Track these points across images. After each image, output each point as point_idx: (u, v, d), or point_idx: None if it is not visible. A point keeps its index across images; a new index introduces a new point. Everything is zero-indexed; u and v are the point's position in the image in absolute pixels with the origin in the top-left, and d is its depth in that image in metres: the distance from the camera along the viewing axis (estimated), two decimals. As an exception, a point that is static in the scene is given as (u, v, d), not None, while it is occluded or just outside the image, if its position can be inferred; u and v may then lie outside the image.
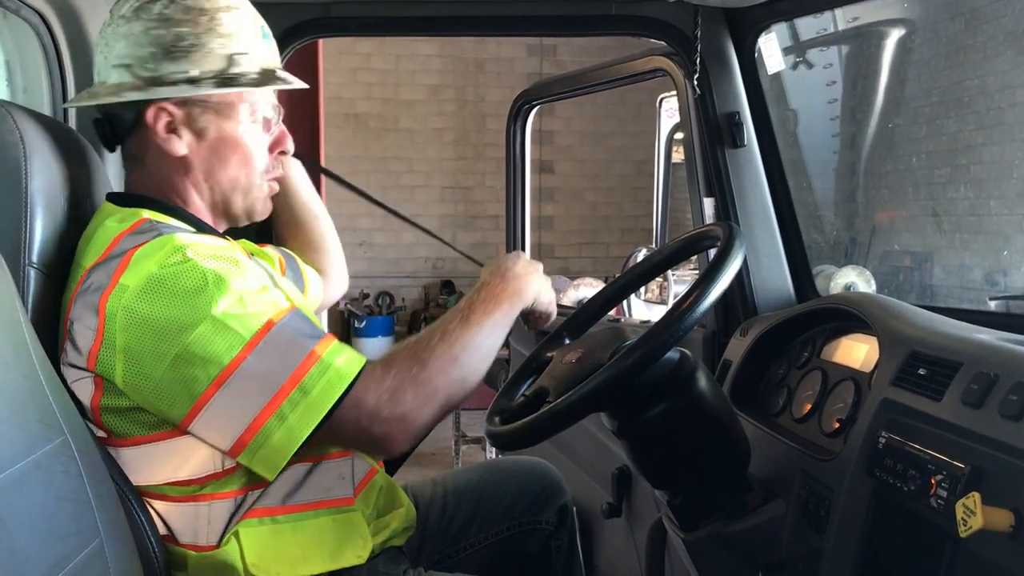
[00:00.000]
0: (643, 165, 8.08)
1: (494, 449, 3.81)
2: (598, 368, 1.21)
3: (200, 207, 1.37)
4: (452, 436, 4.64)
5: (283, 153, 1.42)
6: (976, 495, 0.94)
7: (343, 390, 1.17)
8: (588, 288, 3.92)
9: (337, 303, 1.96)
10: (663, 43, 1.94)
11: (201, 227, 1.35)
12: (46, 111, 1.69)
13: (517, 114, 2.79)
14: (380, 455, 1.41)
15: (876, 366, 1.31)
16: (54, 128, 1.31)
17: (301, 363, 1.16)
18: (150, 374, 1.14)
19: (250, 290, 1.19)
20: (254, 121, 1.36)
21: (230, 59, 1.32)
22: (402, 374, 1.21)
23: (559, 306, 1.56)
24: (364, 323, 7.67)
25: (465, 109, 8.39)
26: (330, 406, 1.17)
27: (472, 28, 2.08)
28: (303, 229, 1.79)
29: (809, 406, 1.46)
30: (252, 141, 1.36)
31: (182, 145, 1.33)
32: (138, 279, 1.15)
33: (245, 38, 1.34)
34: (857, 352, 1.43)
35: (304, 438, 1.17)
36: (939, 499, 1.03)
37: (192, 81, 1.30)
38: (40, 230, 1.21)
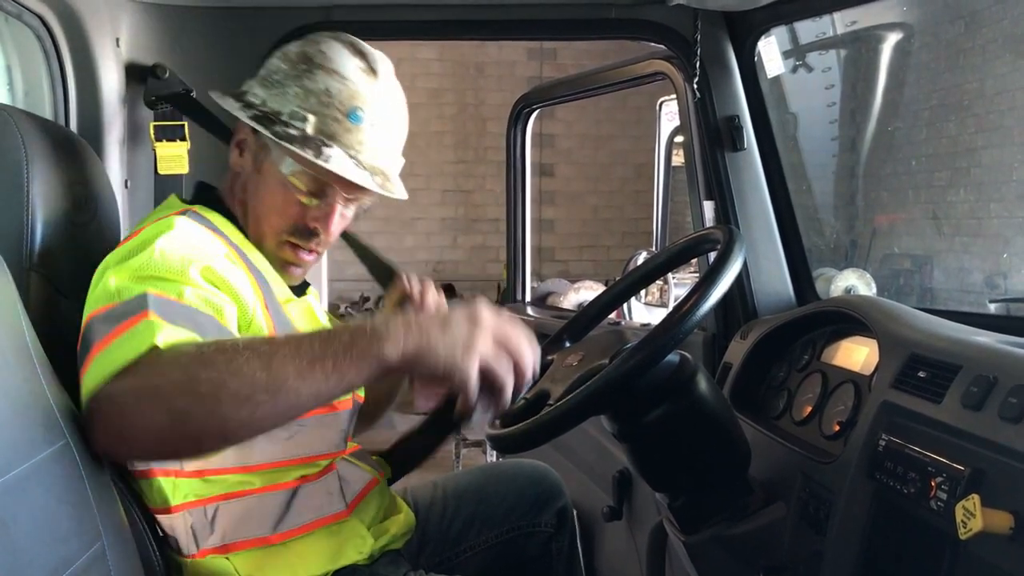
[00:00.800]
0: (643, 168, 8.09)
1: (495, 452, 3.81)
2: (599, 371, 1.21)
3: (244, 223, 1.39)
4: (452, 439, 4.64)
5: (313, 231, 1.37)
6: (976, 497, 0.94)
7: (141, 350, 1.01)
8: (588, 291, 3.92)
9: (337, 307, 1.95)
10: (663, 47, 1.95)
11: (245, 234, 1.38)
12: (47, 115, 1.69)
13: (517, 117, 2.80)
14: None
15: (876, 369, 1.31)
16: (55, 132, 1.32)
17: (131, 318, 1.05)
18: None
19: (151, 274, 1.12)
20: (297, 182, 1.34)
21: (292, 111, 1.32)
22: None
23: (560, 309, 1.56)
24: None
25: (465, 112, 8.40)
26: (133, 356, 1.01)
27: (473, 32, 2.08)
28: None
29: (809, 409, 1.46)
30: (284, 197, 1.35)
31: (238, 163, 1.40)
32: (126, 247, 1.19)
33: (323, 103, 1.32)
34: (857, 355, 1.43)
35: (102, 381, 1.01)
36: (939, 501, 1.04)
37: (248, 106, 1.34)
38: (42, 233, 1.22)
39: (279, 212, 1.35)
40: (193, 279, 1.15)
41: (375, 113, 1.35)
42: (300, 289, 1.48)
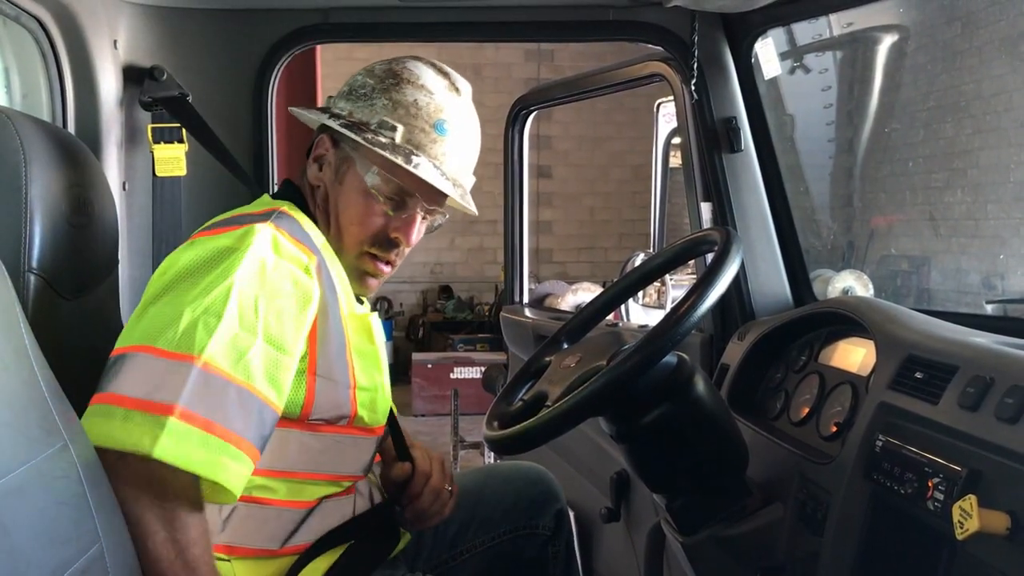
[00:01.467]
0: (641, 170, 8.09)
1: (492, 454, 3.81)
2: (596, 372, 1.22)
3: (327, 234, 1.40)
4: (450, 441, 4.64)
5: (394, 241, 1.38)
6: (972, 498, 0.94)
7: (150, 453, 1.06)
8: (586, 293, 3.92)
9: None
10: (660, 48, 1.95)
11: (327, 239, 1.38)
12: (45, 117, 1.69)
13: (515, 119, 2.80)
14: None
15: (873, 370, 1.31)
16: (54, 134, 1.32)
17: (160, 402, 1.08)
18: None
19: (225, 330, 1.13)
20: (381, 192, 1.35)
21: (381, 120, 1.34)
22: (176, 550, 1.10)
23: (557, 310, 1.56)
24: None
25: (463, 114, 8.39)
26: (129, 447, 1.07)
27: (470, 34, 2.08)
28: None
29: (807, 410, 1.46)
30: (367, 206, 1.36)
31: (317, 177, 1.40)
32: (208, 253, 1.19)
33: (411, 114, 1.35)
34: (854, 356, 1.43)
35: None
36: (936, 502, 1.04)
37: (336, 117, 1.36)
38: (39, 236, 1.22)
39: (360, 222, 1.37)
40: (262, 333, 1.17)
41: (458, 127, 1.39)
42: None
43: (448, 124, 1.38)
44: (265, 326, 1.18)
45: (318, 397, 1.27)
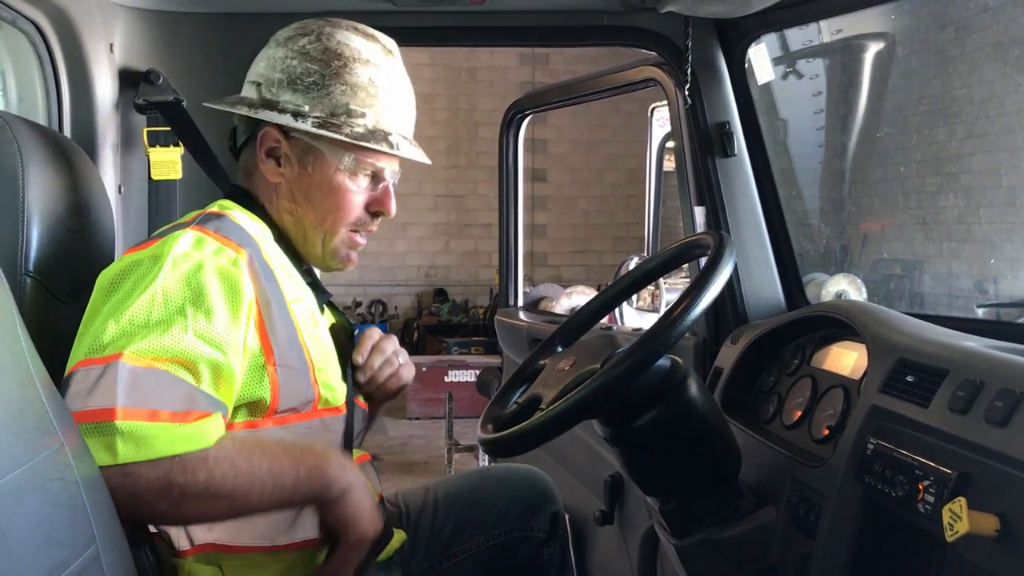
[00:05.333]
0: (635, 173, 8.12)
1: (487, 458, 3.82)
2: (590, 376, 1.22)
3: (287, 229, 1.41)
4: (445, 444, 4.64)
5: (379, 213, 1.42)
6: (962, 500, 0.95)
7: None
8: (580, 296, 3.93)
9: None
10: (654, 53, 1.96)
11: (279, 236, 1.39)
12: (41, 121, 1.69)
13: (510, 123, 2.81)
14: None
15: (865, 373, 1.32)
16: (51, 138, 1.32)
17: (99, 409, 1.09)
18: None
19: (146, 322, 1.15)
20: (356, 173, 1.37)
21: (346, 107, 1.35)
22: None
23: (552, 314, 1.57)
24: (357, 331, 7.65)
25: (457, 118, 8.41)
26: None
27: (465, 38, 2.10)
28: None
29: (799, 413, 1.47)
30: (347, 191, 1.38)
31: (276, 173, 1.39)
32: (133, 260, 1.20)
33: (371, 95, 1.36)
34: (846, 359, 1.44)
35: None
36: (926, 504, 1.05)
37: (298, 115, 1.35)
38: (37, 239, 1.22)
39: (342, 208, 1.38)
40: (192, 331, 1.16)
41: (399, 89, 1.42)
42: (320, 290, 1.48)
43: (400, 92, 1.42)
44: (194, 325, 1.17)
45: (283, 387, 1.27)
